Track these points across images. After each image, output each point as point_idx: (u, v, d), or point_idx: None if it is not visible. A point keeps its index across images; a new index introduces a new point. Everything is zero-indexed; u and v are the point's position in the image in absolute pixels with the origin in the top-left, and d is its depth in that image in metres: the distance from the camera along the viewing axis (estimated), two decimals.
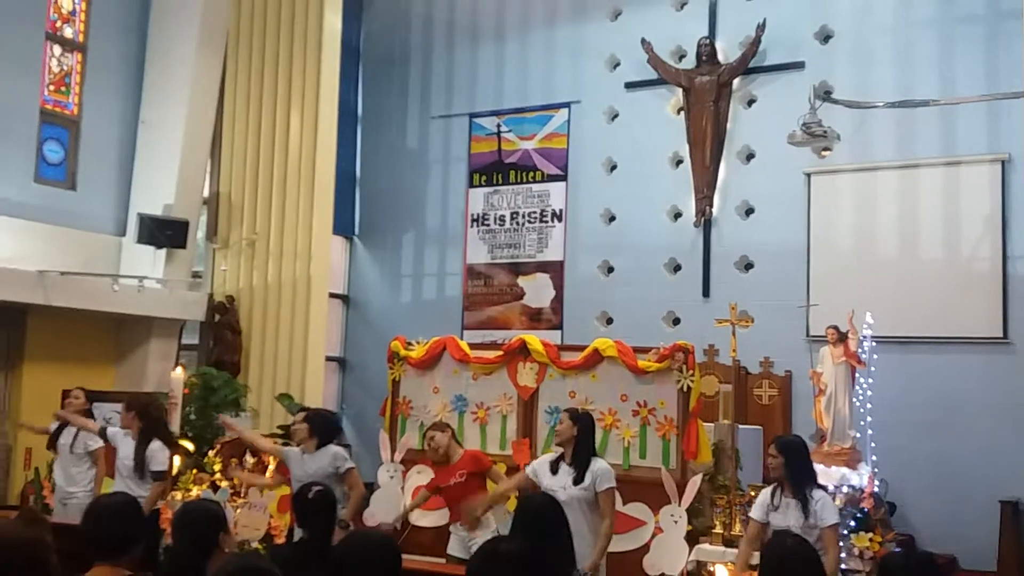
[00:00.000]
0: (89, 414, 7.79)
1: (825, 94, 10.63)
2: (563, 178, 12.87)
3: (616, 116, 12.66)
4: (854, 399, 9.83)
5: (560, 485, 5.76)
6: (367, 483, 7.98)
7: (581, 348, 8.08)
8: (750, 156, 11.85)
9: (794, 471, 5.37)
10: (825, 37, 11.57)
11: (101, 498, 4.06)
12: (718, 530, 7.23)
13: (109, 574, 3.49)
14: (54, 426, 7.88)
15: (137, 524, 3.79)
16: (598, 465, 5.82)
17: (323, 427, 6.61)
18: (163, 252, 11.25)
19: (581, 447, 5.87)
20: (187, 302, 11.78)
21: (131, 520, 3.74)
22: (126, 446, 7.20)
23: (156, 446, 7.17)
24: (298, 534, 5.93)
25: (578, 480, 5.75)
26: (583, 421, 6.01)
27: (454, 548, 6.62)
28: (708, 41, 11.95)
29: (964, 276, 10.64)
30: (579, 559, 5.34)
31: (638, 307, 11.93)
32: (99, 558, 3.52)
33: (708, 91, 11.86)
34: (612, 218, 12.57)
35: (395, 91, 14.10)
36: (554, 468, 5.90)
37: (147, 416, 7.28)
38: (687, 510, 7.09)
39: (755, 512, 5.51)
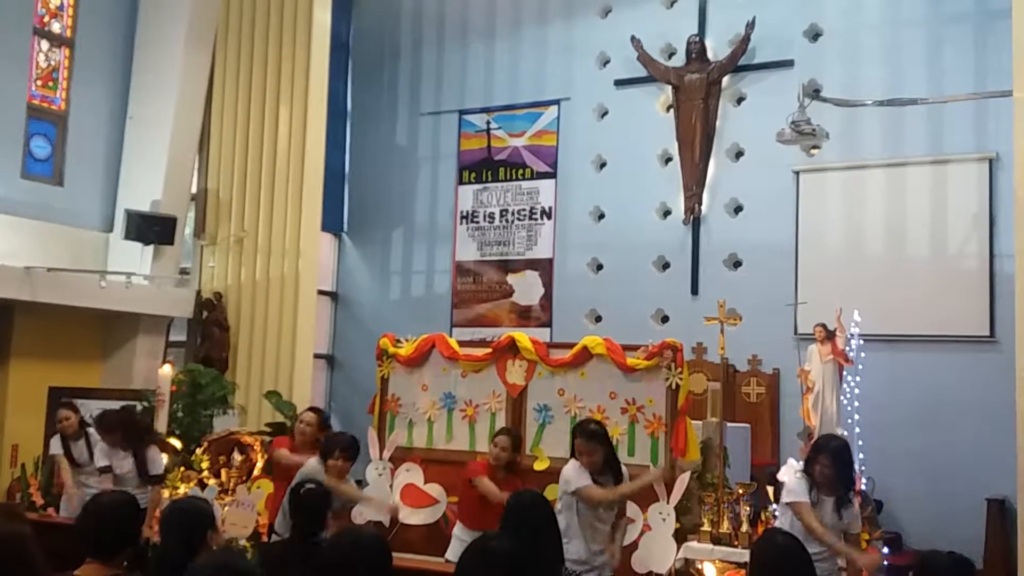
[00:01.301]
0: (83, 425, 7.66)
1: (814, 92, 10.65)
2: (552, 175, 12.87)
3: (606, 113, 12.67)
4: (841, 397, 9.86)
5: None
6: (356, 480, 7.96)
7: (570, 346, 8.07)
8: (739, 154, 11.87)
9: (843, 476, 5.29)
10: (814, 35, 11.60)
11: (99, 496, 4.04)
12: (706, 528, 7.24)
13: (100, 571, 3.48)
14: (55, 448, 7.77)
15: (134, 524, 3.78)
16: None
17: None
18: (151, 248, 11.20)
19: (614, 459, 5.80)
20: (175, 299, 11.74)
21: (128, 520, 3.72)
22: (126, 462, 7.15)
23: (154, 451, 7.18)
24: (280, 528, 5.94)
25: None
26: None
27: (455, 555, 6.48)
28: (698, 39, 11.97)
29: (951, 274, 10.68)
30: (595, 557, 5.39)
31: (627, 305, 11.94)
32: (92, 555, 3.51)
33: (697, 89, 11.87)
34: (601, 216, 12.58)
35: (384, 87, 14.08)
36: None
37: (129, 426, 7.23)
38: (675, 508, 7.10)
39: (800, 495, 5.23)
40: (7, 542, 3.07)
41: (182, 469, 8.33)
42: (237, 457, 8.66)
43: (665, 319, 11.98)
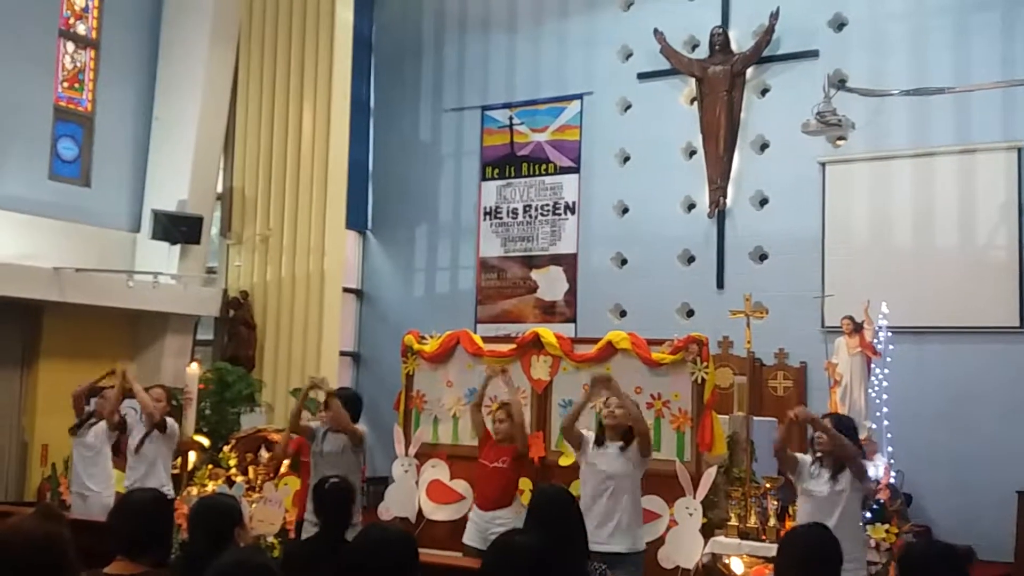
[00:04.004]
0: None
1: (839, 82, 10.56)
2: (576, 170, 12.84)
3: (629, 107, 12.63)
4: (869, 390, 9.78)
5: (606, 456, 5.84)
6: (382, 477, 8.00)
7: (595, 341, 8.04)
8: (764, 146, 11.79)
9: (842, 447, 5.44)
10: (839, 25, 11.50)
11: (132, 493, 4.06)
12: (733, 522, 7.20)
13: (129, 569, 3.50)
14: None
15: (164, 523, 3.79)
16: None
17: (353, 406, 6.69)
18: (177, 248, 11.29)
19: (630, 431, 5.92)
20: (202, 298, 11.82)
21: (158, 518, 3.73)
22: (139, 433, 7.25)
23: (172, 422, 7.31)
24: (307, 529, 6.00)
25: (625, 448, 5.80)
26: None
27: (471, 537, 6.58)
28: (721, 30, 11.90)
29: (980, 265, 10.57)
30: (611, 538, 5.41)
31: (652, 299, 11.90)
32: (121, 552, 3.53)
33: (721, 81, 11.80)
34: (625, 210, 12.54)
35: (407, 84, 14.09)
36: (600, 440, 5.94)
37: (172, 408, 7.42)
38: (702, 502, 7.07)
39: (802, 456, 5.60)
40: (45, 543, 3.10)
41: (210, 467, 8.39)
42: (264, 454, 8.71)
43: (690, 313, 11.93)
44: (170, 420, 7.34)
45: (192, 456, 7.90)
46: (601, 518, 5.65)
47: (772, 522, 7.06)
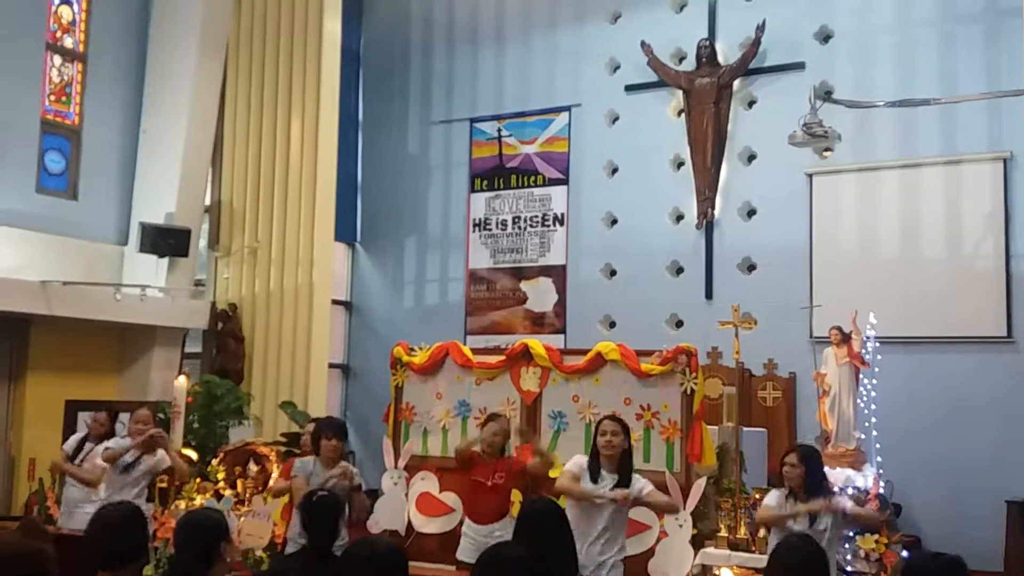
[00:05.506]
0: (112, 434, 7.70)
1: (826, 94, 10.61)
2: (564, 182, 12.87)
3: (617, 119, 12.66)
4: (858, 400, 9.80)
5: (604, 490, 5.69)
6: (371, 490, 7.97)
7: (584, 352, 8.05)
8: (751, 157, 11.84)
9: (812, 481, 5.48)
10: (825, 37, 11.57)
11: (107, 507, 4.06)
12: (723, 533, 7.21)
13: None
14: (74, 442, 7.81)
15: (141, 534, 3.79)
16: (642, 480, 5.79)
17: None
18: (165, 261, 11.25)
19: (628, 458, 5.81)
20: (190, 310, 11.77)
21: (136, 530, 3.74)
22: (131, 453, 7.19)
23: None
24: (289, 547, 5.99)
25: (621, 486, 5.66)
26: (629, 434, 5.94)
27: (467, 553, 6.48)
28: (708, 43, 11.95)
29: (967, 275, 10.62)
30: (593, 560, 5.38)
31: (641, 310, 11.92)
32: (102, 566, 3.52)
33: (708, 93, 11.85)
34: (614, 221, 12.56)
35: (396, 96, 14.11)
36: (594, 476, 5.72)
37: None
38: (692, 513, 7.06)
39: (772, 502, 5.58)
40: (25, 559, 3.09)
41: (198, 480, 8.34)
42: (253, 468, 8.65)
43: (679, 324, 11.94)
44: (161, 452, 7.30)
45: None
46: (592, 539, 5.56)
47: (762, 533, 7.06)
